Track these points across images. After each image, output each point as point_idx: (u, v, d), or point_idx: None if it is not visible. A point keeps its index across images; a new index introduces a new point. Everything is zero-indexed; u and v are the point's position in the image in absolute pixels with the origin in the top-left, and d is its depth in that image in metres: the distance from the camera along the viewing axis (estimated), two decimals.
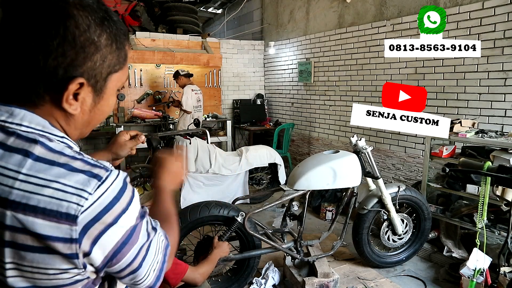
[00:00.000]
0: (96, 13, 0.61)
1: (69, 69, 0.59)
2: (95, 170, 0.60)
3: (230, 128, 6.09)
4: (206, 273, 1.94)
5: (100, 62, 0.63)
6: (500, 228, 2.70)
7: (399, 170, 4.21)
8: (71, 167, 0.58)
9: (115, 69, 0.67)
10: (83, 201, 0.57)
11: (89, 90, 0.63)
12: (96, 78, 0.63)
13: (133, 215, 0.63)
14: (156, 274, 0.71)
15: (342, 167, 2.63)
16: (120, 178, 0.62)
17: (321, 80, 5.41)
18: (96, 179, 0.59)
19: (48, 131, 0.61)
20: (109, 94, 0.68)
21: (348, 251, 3.30)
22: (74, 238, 0.56)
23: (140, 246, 0.65)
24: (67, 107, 0.62)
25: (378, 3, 4.34)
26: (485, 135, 2.84)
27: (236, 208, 2.53)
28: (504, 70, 3.16)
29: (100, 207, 0.58)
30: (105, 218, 0.58)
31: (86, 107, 0.65)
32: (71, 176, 0.57)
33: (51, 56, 0.57)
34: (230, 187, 4.22)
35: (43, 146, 0.58)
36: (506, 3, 3.09)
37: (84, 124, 0.68)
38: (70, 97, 0.61)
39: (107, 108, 0.70)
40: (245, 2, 6.89)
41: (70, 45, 0.58)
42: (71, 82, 0.60)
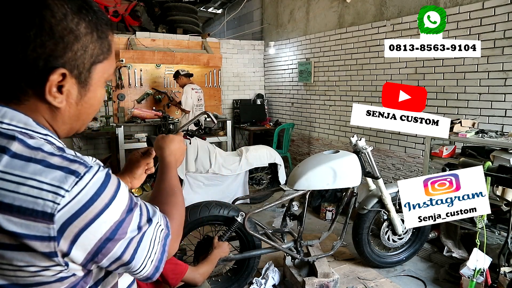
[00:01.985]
0: (73, 1, 0.60)
1: (49, 60, 0.58)
2: (73, 166, 0.57)
3: (230, 128, 6.09)
4: (206, 273, 1.94)
5: (81, 52, 0.61)
6: (500, 228, 2.70)
7: (399, 170, 4.21)
8: (48, 163, 0.56)
9: (99, 59, 0.65)
10: (60, 199, 0.55)
11: (73, 81, 0.62)
12: (79, 69, 0.62)
13: (118, 210, 0.61)
14: (155, 265, 0.70)
15: (342, 167, 2.63)
16: (101, 173, 0.60)
17: (321, 80, 5.41)
18: (74, 175, 0.57)
19: (30, 129, 0.60)
20: (96, 85, 0.66)
21: (348, 251, 3.30)
22: (52, 236, 0.55)
23: (129, 240, 0.63)
24: (51, 100, 0.60)
25: (378, 3, 4.34)
26: (485, 135, 2.84)
27: (236, 208, 2.53)
28: (504, 70, 3.16)
29: (78, 205, 0.56)
30: (84, 216, 0.56)
31: (72, 99, 0.63)
32: (48, 173, 0.55)
33: (30, 47, 0.56)
34: (230, 187, 4.22)
35: (21, 143, 0.57)
36: (506, 3, 3.09)
37: (73, 118, 0.66)
38: (54, 89, 0.60)
39: (95, 100, 0.68)
40: (245, 2, 6.89)
41: (48, 35, 0.57)
42: (52, 73, 0.58)
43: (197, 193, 4.01)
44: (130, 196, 0.66)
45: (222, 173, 4.10)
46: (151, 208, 0.71)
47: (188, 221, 2.42)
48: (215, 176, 4.11)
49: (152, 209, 0.71)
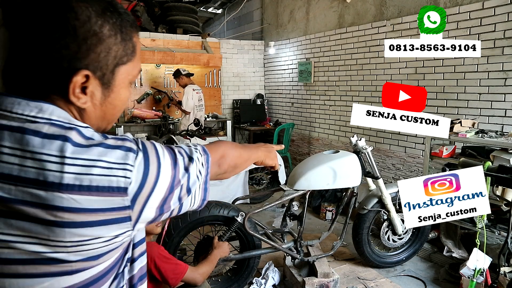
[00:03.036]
0: (97, 4, 0.61)
1: (72, 62, 0.59)
2: (126, 144, 0.63)
3: (230, 128, 6.09)
4: (206, 273, 1.95)
5: (104, 54, 0.62)
6: (500, 228, 2.70)
7: (399, 170, 4.21)
8: (107, 145, 0.61)
9: (123, 61, 0.66)
10: (129, 173, 0.60)
11: (97, 83, 0.63)
12: (103, 71, 0.63)
13: (167, 168, 0.66)
14: (201, 197, 0.76)
15: (342, 167, 2.63)
16: (145, 144, 0.66)
17: (321, 80, 5.41)
18: (132, 152, 0.62)
19: (74, 123, 0.62)
20: (120, 87, 0.68)
21: (348, 251, 3.30)
22: (127, 205, 0.61)
23: (182, 185, 0.69)
24: (75, 101, 0.62)
25: (378, 3, 4.34)
26: (485, 135, 2.84)
27: (236, 208, 2.53)
28: (504, 70, 3.16)
29: (141, 175, 0.62)
30: (148, 183, 0.62)
31: (96, 100, 0.65)
32: (111, 153, 0.60)
33: (54, 49, 0.58)
34: (230, 187, 4.22)
35: (78, 132, 0.60)
36: (506, 3, 3.09)
37: (98, 118, 0.69)
38: (77, 90, 0.61)
39: (119, 102, 0.69)
40: (245, 2, 6.89)
41: (72, 37, 0.58)
42: (75, 75, 0.60)
43: None
44: (169, 149, 0.70)
45: None
46: (187, 148, 0.75)
47: (188, 221, 2.42)
48: None
49: (189, 148, 0.75)
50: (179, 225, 2.42)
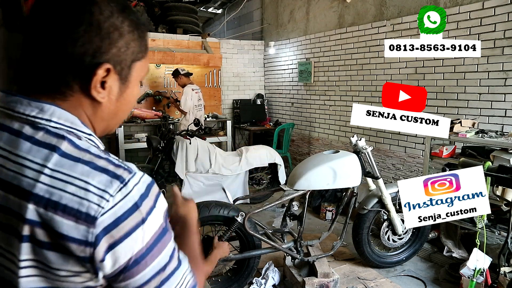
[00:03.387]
0: (117, 1, 0.63)
1: (96, 55, 0.60)
2: (118, 170, 0.58)
3: (230, 128, 6.09)
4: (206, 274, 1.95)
5: (124, 49, 0.63)
6: (500, 228, 2.70)
7: (399, 170, 4.21)
8: (95, 165, 0.57)
9: (138, 57, 0.67)
10: (104, 203, 0.55)
11: (116, 78, 0.64)
12: (122, 65, 0.64)
13: (155, 224, 0.60)
14: None
15: (342, 167, 2.63)
16: (144, 182, 0.60)
17: (321, 80, 5.41)
18: (119, 180, 0.57)
19: (76, 128, 0.61)
20: (134, 83, 0.69)
21: (348, 251, 3.30)
22: (90, 241, 0.54)
23: (163, 265, 0.61)
24: (95, 95, 0.62)
25: (378, 3, 4.34)
26: (485, 135, 2.84)
27: (236, 208, 2.53)
28: (504, 70, 3.16)
29: (120, 211, 0.56)
30: (124, 224, 0.56)
31: (113, 95, 0.65)
32: (94, 175, 0.56)
33: (78, 43, 0.58)
34: (230, 187, 4.22)
35: (70, 143, 0.58)
36: (506, 3, 3.09)
37: (111, 115, 0.67)
38: (98, 84, 0.61)
39: (132, 98, 0.70)
40: (245, 2, 6.89)
41: (96, 31, 0.59)
42: (99, 68, 0.60)
43: (197, 193, 4.01)
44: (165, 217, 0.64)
45: (222, 173, 4.10)
46: (181, 252, 0.68)
47: None
48: (215, 176, 4.11)
49: (182, 253, 0.68)
50: None
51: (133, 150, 5.52)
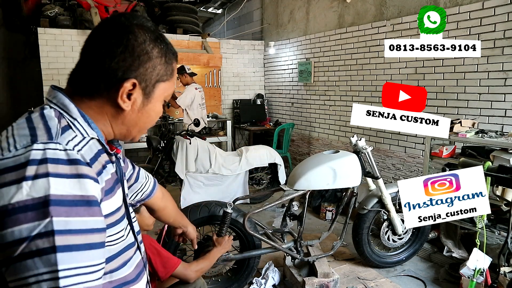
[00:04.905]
0: (152, 33, 0.77)
1: (126, 72, 0.74)
2: (41, 134, 0.64)
3: (230, 128, 6.09)
4: (201, 270, 1.92)
5: (150, 70, 0.76)
6: (500, 228, 2.70)
7: (399, 170, 4.21)
8: (32, 125, 0.66)
9: (163, 79, 0.80)
10: (6, 152, 0.62)
11: (140, 92, 0.77)
12: (146, 83, 0.77)
13: (36, 191, 0.58)
14: None
15: (342, 167, 2.63)
16: (65, 154, 0.64)
17: (321, 80, 5.41)
18: (31, 139, 0.63)
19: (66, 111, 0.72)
20: (156, 100, 0.80)
21: (348, 251, 3.30)
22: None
23: (25, 236, 0.57)
24: (121, 103, 0.75)
25: (378, 3, 4.34)
26: (485, 135, 2.84)
27: (236, 208, 2.53)
28: (504, 70, 3.16)
29: (10, 163, 0.60)
30: (7, 175, 0.59)
31: (136, 106, 0.78)
32: (22, 131, 0.65)
33: (114, 60, 0.73)
34: (230, 187, 4.22)
35: (40, 113, 0.70)
36: (506, 3, 3.09)
37: (131, 122, 0.79)
38: (124, 95, 0.74)
39: (153, 113, 0.82)
40: (245, 2, 6.89)
41: (130, 53, 0.73)
42: (126, 81, 0.74)
43: (197, 193, 4.01)
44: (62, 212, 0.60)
45: (222, 173, 4.10)
46: (88, 256, 0.62)
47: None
48: (215, 176, 4.11)
49: (86, 257, 0.62)
50: None
51: (133, 150, 5.52)
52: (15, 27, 6.08)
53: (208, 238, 2.57)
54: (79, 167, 0.64)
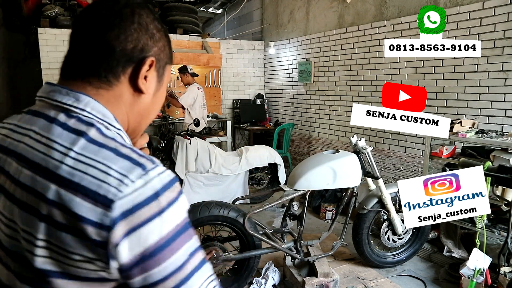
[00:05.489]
0: (156, 13, 0.73)
1: (143, 51, 0.68)
2: (141, 159, 0.60)
3: (230, 128, 6.09)
4: None
5: (162, 49, 0.72)
6: (500, 228, 2.70)
7: (399, 170, 4.21)
8: (119, 152, 0.59)
9: (169, 61, 0.76)
10: (123, 187, 0.56)
11: (155, 74, 0.71)
12: (160, 63, 0.72)
13: (177, 215, 0.60)
14: None
15: (342, 167, 2.63)
16: (167, 175, 0.61)
17: (321, 80, 5.41)
18: (141, 167, 0.58)
19: (107, 121, 0.65)
20: (165, 84, 0.76)
21: (348, 251, 3.30)
22: (105, 224, 0.54)
23: (181, 262, 0.59)
24: (141, 84, 0.68)
25: (378, 3, 4.34)
26: (485, 135, 2.84)
27: (236, 208, 2.54)
28: (504, 70, 3.16)
29: (139, 198, 0.56)
30: (142, 211, 0.56)
31: (151, 90, 0.72)
32: (117, 161, 0.58)
33: (129, 39, 0.66)
34: (230, 187, 4.22)
35: (98, 131, 0.62)
36: (506, 3, 3.09)
37: (146, 111, 0.73)
38: (144, 75, 0.68)
39: (161, 99, 0.77)
40: (245, 2, 6.89)
41: (144, 30, 0.68)
42: (146, 58, 0.68)
43: (197, 193, 4.01)
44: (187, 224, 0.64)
45: (222, 173, 4.10)
46: None
47: None
48: (215, 176, 4.11)
49: None
50: None
51: None
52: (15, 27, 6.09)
53: (208, 238, 2.57)
54: (178, 183, 0.63)
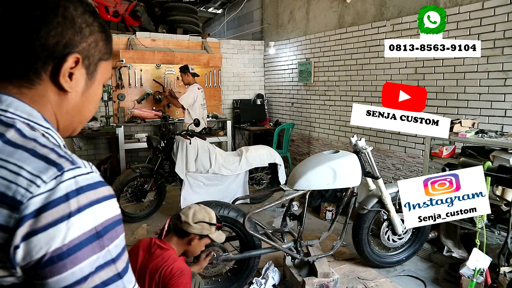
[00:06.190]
0: (88, 6, 0.67)
1: (67, 46, 0.63)
2: (59, 160, 0.56)
3: (230, 128, 6.09)
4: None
5: (93, 45, 0.67)
6: (500, 228, 2.70)
7: (399, 170, 4.21)
8: (36, 152, 0.56)
9: (105, 57, 0.71)
10: (34, 188, 0.53)
11: (83, 72, 0.67)
12: (90, 60, 0.67)
13: (84, 225, 0.55)
14: None
15: (342, 167, 2.63)
16: (89, 178, 0.57)
17: (321, 80, 5.42)
18: (56, 168, 0.55)
19: (34, 120, 0.62)
20: (99, 81, 0.72)
21: (348, 251, 3.30)
22: (9, 226, 0.52)
23: (85, 274, 0.55)
24: (63, 82, 0.64)
25: (378, 3, 4.34)
26: (485, 135, 2.84)
27: (236, 208, 2.54)
28: (504, 70, 3.16)
29: (48, 199, 0.53)
30: (48, 214, 0.52)
31: (79, 88, 0.67)
32: (31, 161, 0.55)
33: (52, 33, 0.61)
34: (230, 187, 4.22)
35: (17, 131, 0.58)
36: (506, 3, 3.09)
37: (76, 109, 0.69)
38: (67, 73, 0.64)
39: (96, 96, 0.72)
40: (245, 2, 6.89)
41: (70, 24, 0.63)
42: (68, 56, 0.63)
43: (197, 193, 4.01)
44: (109, 226, 0.59)
45: (222, 173, 4.10)
46: (131, 271, 0.63)
47: None
48: (215, 176, 4.11)
49: (131, 272, 0.63)
50: None
51: (133, 150, 5.52)
52: None
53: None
54: (106, 188, 0.60)
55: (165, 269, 1.71)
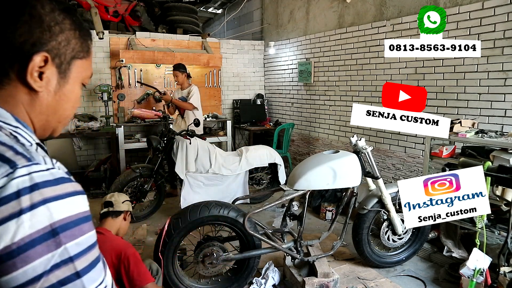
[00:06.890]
0: (60, 3, 0.66)
1: (35, 45, 0.62)
2: (14, 157, 0.55)
3: (230, 128, 6.09)
4: None
5: (64, 44, 0.66)
6: (500, 228, 2.70)
7: (399, 170, 4.21)
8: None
9: (79, 56, 0.70)
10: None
11: (54, 70, 0.65)
12: (61, 59, 0.66)
13: (37, 223, 0.53)
14: None
15: (342, 167, 2.63)
16: (47, 174, 0.56)
17: (321, 80, 5.42)
18: (9, 165, 0.54)
19: (1, 120, 0.61)
20: (74, 80, 0.70)
21: (348, 251, 3.30)
22: None
23: (53, 265, 0.54)
24: (31, 82, 0.62)
25: (378, 3, 4.34)
26: (485, 135, 2.84)
27: (236, 208, 2.54)
28: (504, 70, 3.16)
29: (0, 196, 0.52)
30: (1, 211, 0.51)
31: (51, 87, 0.66)
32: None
33: (18, 32, 0.60)
34: (230, 187, 4.22)
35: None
36: (506, 3, 3.09)
37: (50, 109, 0.67)
38: (35, 74, 0.62)
39: (73, 95, 0.71)
40: (245, 2, 6.89)
41: (37, 23, 0.62)
42: (35, 54, 0.61)
43: (197, 193, 4.01)
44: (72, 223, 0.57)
45: (222, 173, 4.10)
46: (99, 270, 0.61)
47: (188, 221, 2.42)
48: (215, 176, 4.11)
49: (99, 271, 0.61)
50: (179, 225, 2.42)
51: (133, 150, 5.52)
52: None
53: (208, 238, 2.57)
54: (69, 184, 0.59)
55: (116, 249, 1.90)
